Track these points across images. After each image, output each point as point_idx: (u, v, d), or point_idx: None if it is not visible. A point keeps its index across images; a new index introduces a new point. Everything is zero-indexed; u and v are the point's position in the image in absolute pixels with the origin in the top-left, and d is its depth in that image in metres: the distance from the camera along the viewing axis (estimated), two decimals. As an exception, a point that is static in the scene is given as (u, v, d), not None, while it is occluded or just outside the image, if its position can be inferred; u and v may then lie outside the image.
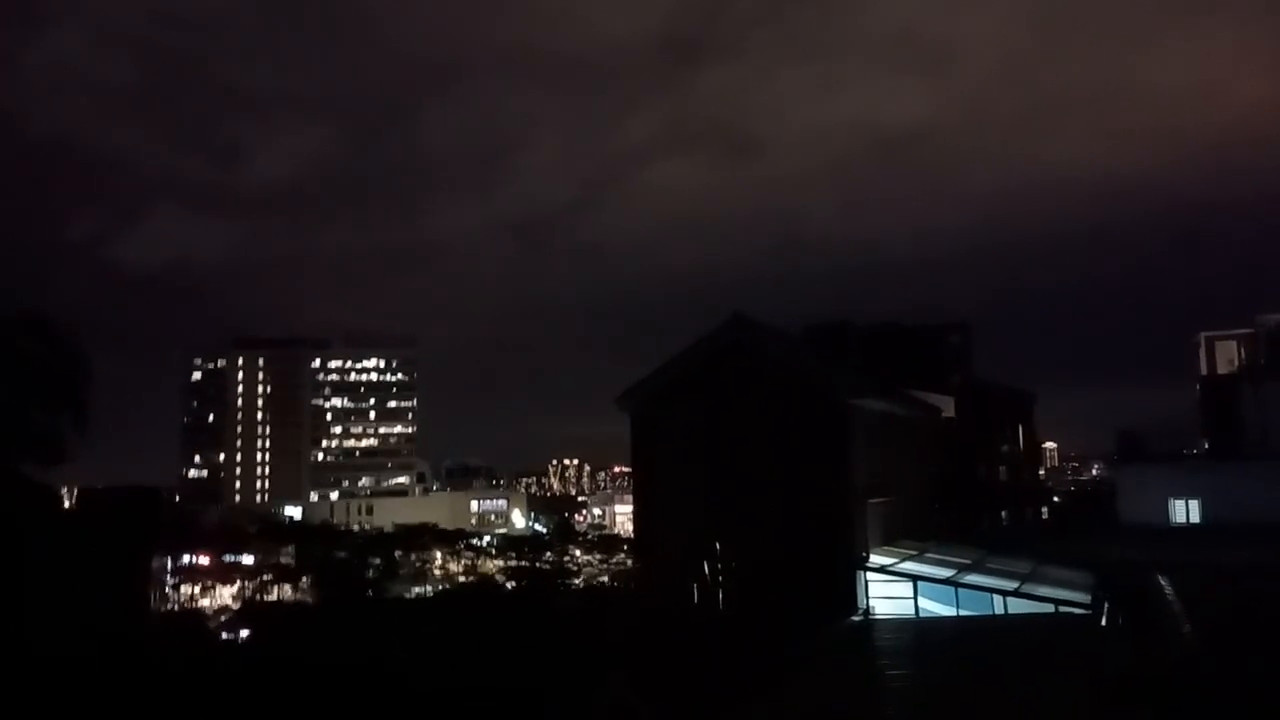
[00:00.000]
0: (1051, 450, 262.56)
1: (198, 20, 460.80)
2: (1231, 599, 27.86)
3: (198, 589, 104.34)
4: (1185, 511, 50.43)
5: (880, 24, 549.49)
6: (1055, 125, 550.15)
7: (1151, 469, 54.39)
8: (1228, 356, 66.21)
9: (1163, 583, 30.48)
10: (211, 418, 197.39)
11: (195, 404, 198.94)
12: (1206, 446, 63.05)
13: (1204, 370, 67.50)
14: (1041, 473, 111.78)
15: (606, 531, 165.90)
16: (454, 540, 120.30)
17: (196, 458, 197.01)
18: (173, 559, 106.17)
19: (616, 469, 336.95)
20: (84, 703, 19.44)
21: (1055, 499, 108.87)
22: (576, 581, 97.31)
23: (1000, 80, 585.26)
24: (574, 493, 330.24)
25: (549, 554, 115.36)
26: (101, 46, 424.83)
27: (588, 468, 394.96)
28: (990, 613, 29.64)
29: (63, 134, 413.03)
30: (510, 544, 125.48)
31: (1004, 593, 30.14)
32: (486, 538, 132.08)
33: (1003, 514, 66.98)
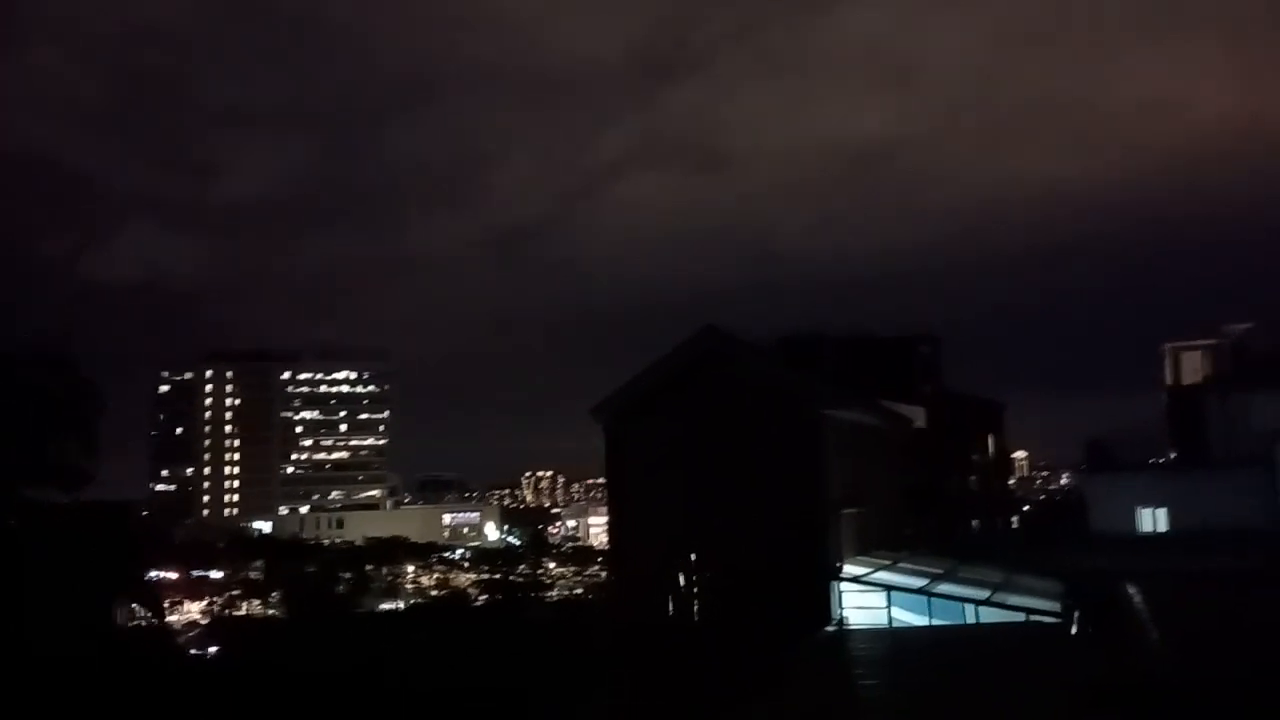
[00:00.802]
0: (1022, 460, 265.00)
1: (172, 36, 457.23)
2: (1198, 606, 28.21)
3: (166, 604, 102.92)
4: (1153, 520, 51.00)
5: (849, 41, 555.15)
6: (1021, 140, 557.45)
7: (1119, 478, 54.99)
8: (1194, 367, 67.06)
9: (1131, 591, 30.83)
10: (180, 431, 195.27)
11: (163, 417, 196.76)
12: (1173, 456, 63.89)
13: (1170, 380, 68.27)
14: (1012, 482, 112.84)
15: (581, 544, 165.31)
16: (426, 554, 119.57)
17: (165, 472, 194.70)
18: (142, 574, 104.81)
19: (591, 481, 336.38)
20: (55, 712, 19.32)
21: (1026, 508, 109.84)
22: (551, 594, 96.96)
23: (966, 96, 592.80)
24: (548, 505, 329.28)
25: (522, 567, 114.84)
26: (75, 62, 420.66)
27: (562, 480, 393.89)
28: (962, 622, 29.87)
29: (35, 149, 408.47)
30: (483, 557, 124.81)
31: (976, 602, 30.39)
32: (459, 551, 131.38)
33: (974, 523, 67.51)
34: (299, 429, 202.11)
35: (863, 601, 31.48)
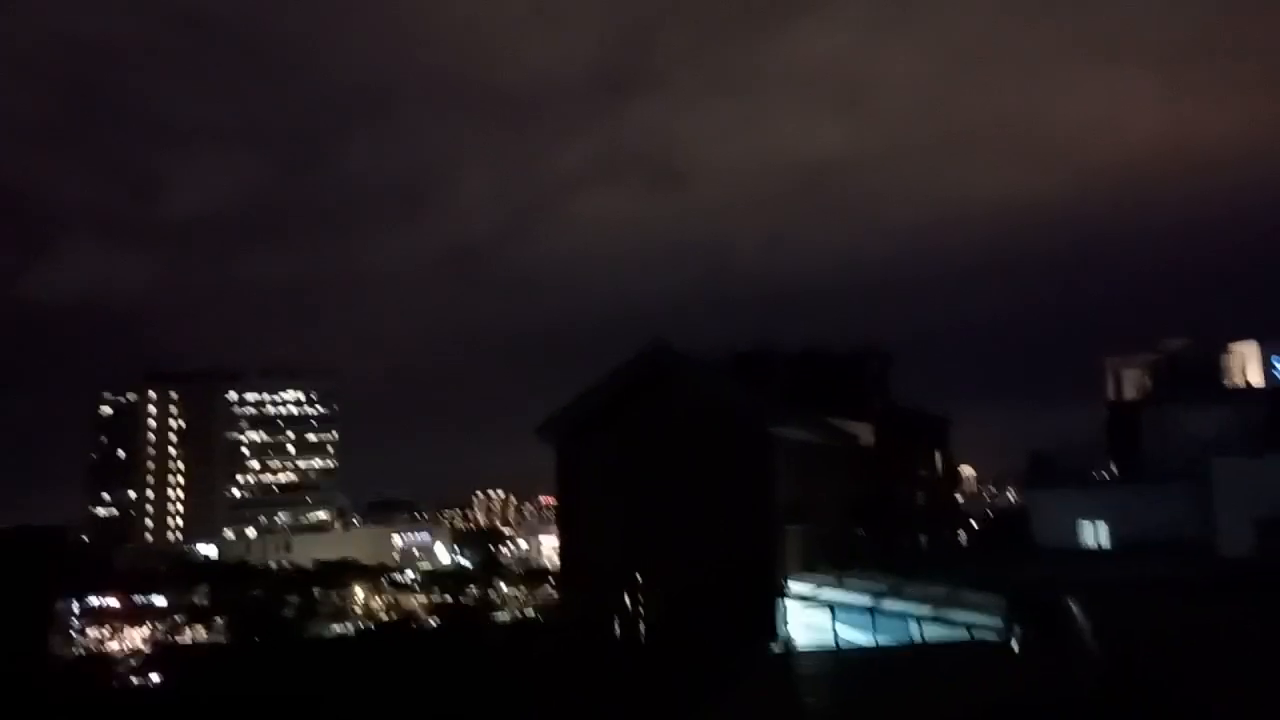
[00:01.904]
0: (970, 475, 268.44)
1: (118, 50, 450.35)
2: (1136, 617, 28.73)
3: (106, 631, 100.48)
4: (1094, 533, 51.87)
5: (805, 60, 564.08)
6: (967, 157, 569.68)
7: (1061, 492, 55.82)
8: (1132, 381, 68.53)
9: (1071, 603, 31.31)
10: (122, 453, 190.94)
11: (104, 439, 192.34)
12: (1113, 469, 65.13)
13: (1111, 395, 69.64)
14: (960, 497, 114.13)
15: (533, 564, 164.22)
16: (376, 576, 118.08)
17: (106, 495, 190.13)
18: (79, 601, 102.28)
19: (543, 500, 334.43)
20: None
21: (973, 522, 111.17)
22: (503, 615, 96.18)
23: (917, 115, 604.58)
24: (500, 525, 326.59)
25: (474, 588, 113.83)
26: (12, 76, 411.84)
27: (513, 499, 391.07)
28: (907, 637, 30.12)
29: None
30: (434, 579, 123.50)
31: (920, 618, 30.67)
32: (410, 573, 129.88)
33: (921, 538, 68.16)
34: (245, 450, 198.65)
35: (808, 618, 31.62)
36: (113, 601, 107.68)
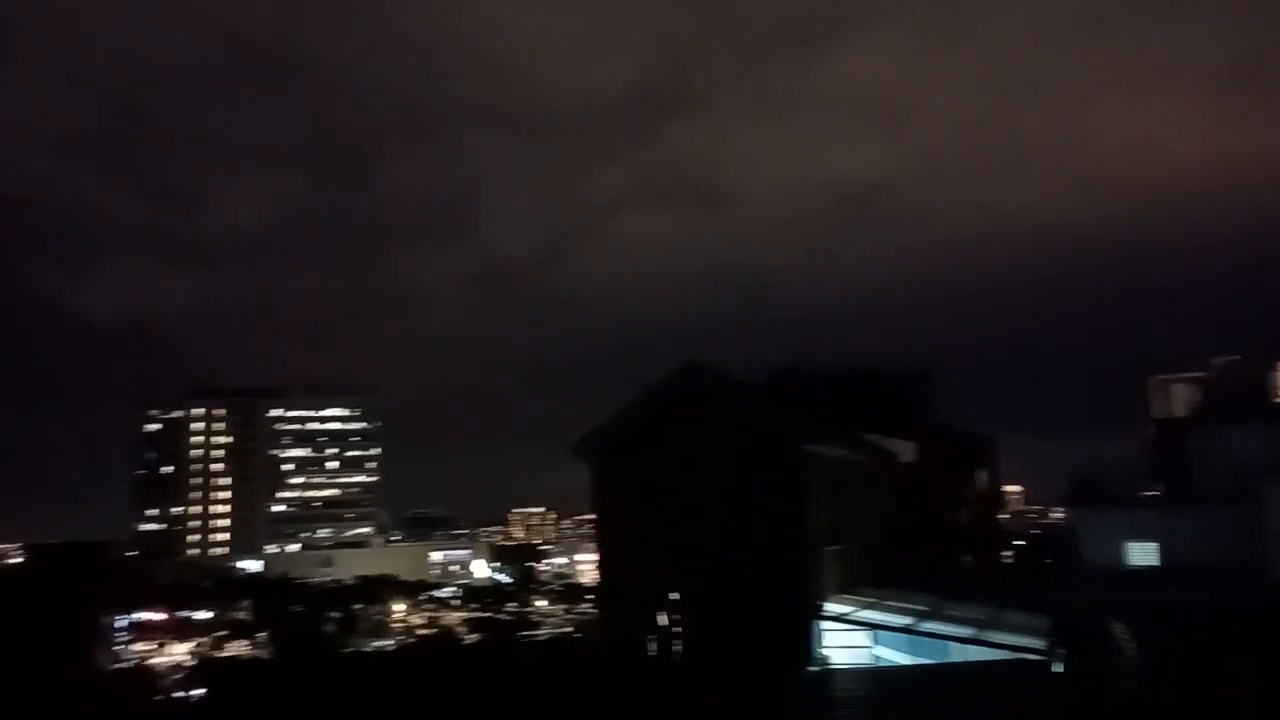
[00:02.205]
0: (1016, 495, 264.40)
1: (162, 70, 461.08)
2: (1184, 643, 28.07)
3: (151, 645, 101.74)
4: (1141, 554, 50.82)
5: (845, 82, 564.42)
6: (1009, 179, 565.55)
7: (1107, 512, 54.80)
8: (1181, 400, 67.24)
9: (1116, 626, 30.66)
10: (167, 469, 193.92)
11: (151, 456, 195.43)
12: (1161, 490, 63.84)
13: (1159, 414, 68.39)
14: (1005, 517, 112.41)
15: (570, 580, 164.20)
16: (415, 592, 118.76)
17: (152, 511, 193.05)
18: (125, 615, 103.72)
19: (581, 517, 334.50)
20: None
21: (1018, 543, 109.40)
22: (540, 632, 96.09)
23: (957, 135, 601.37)
24: (538, 541, 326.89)
25: (512, 604, 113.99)
26: (64, 95, 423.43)
27: (552, 516, 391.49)
28: (947, 660, 29.60)
29: (24, 183, 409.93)
30: (473, 595, 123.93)
31: (961, 640, 30.13)
32: (448, 589, 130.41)
33: (965, 559, 67.19)
34: (288, 466, 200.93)
35: (845, 640, 31.22)
36: (157, 616, 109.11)
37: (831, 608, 32.69)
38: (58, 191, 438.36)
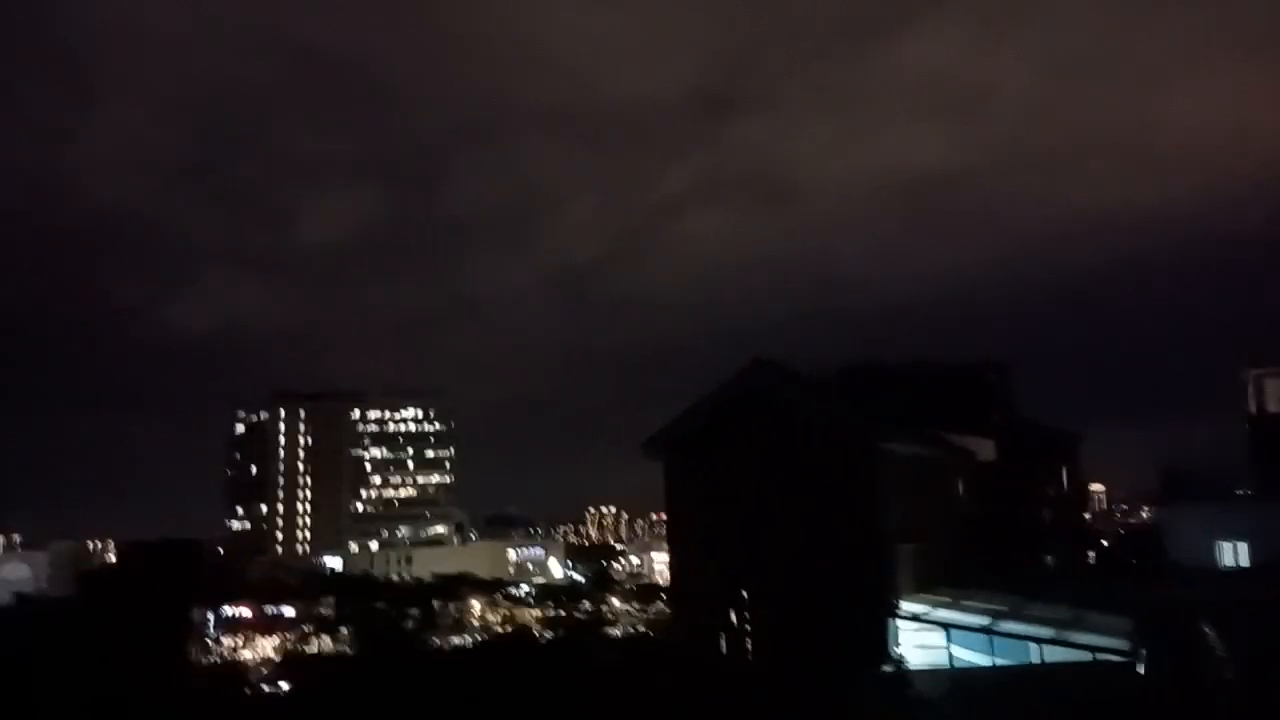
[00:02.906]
0: (1100, 493, 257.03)
1: (243, 92, 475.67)
2: (1274, 642, 27.08)
3: (240, 641, 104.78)
4: (1234, 553, 49.20)
5: (909, 73, 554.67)
6: (1085, 164, 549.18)
7: (1198, 510, 53.22)
8: (1275, 393, 64.66)
9: (1206, 628, 29.73)
10: (254, 470, 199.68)
11: (239, 457, 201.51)
12: (1256, 486, 61.53)
13: (1253, 408, 65.88)
14: (1088, 515, 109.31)
15: (644, 580, 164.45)
16: (492, 590, 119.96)
17: (240, 510, 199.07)
18: (215, 611, 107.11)
19: (655, 516, 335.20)
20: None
21: (1103, 541, 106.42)
22: (614, 631, 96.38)
23: (1029, 122, 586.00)
24: (612, 541, 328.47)
25: (586, 603, 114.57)
26: (160, 119, 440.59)
27: (625, 515, 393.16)
28: (1027, 660, 29.01)
29: (120, 201, 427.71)
30: (548, 593, 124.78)
31: (1041, 640, 29.51)
32: (524, 587, 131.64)
33: (1046, 558, 65.64)
34: (368, 466, 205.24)
35: (921, 640, 30.78)
36: (245, 612, 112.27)
37: (907, 607, 32.29)
38: (153, 211, 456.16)
